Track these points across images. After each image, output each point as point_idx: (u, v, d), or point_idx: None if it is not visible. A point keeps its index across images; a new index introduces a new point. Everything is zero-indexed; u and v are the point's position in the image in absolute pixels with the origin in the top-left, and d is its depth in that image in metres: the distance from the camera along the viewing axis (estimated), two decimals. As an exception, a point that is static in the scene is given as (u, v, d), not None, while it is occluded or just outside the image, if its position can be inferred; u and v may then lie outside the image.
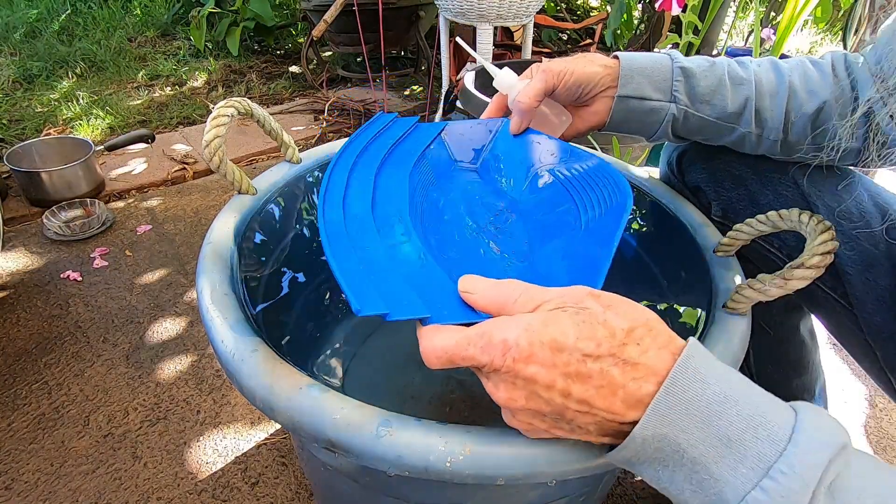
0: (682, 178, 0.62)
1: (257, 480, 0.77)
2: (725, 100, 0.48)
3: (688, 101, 0.49)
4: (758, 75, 0.49)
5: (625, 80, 0.48)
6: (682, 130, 0.51)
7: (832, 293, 0.54)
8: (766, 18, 2.42)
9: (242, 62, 2.37)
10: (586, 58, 0.49)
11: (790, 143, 0.50)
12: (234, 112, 0.51)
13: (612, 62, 0.49)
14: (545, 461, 0.33)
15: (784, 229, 0.46)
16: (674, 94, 0.48)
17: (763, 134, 0.50)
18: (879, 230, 0.50)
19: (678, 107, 0.49)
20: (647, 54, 0.49)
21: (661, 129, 0.51)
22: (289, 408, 0.35)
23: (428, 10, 2.07)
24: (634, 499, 0.76)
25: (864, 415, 0.92)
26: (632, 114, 0.50)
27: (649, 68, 0.48)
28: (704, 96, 0.48)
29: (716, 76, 0.48)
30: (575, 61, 0.48)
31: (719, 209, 0.58)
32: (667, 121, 0.50)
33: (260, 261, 0.58)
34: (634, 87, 0.48)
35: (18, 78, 2.11)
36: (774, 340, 0.64)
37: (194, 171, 1.55)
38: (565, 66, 0.48)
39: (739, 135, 0.50)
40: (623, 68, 0.48)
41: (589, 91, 0.49)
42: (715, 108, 0.49)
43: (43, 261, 1.19)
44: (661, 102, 0.49)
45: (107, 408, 0.87)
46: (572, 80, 0.48)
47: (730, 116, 0.49)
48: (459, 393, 0.71)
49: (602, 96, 0.50)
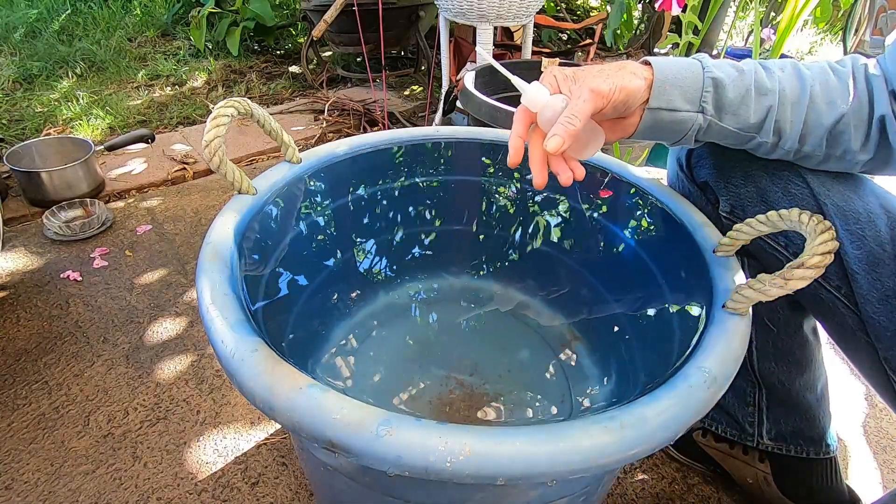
0: (692, 174, 0.62)
1: (257, 480, 0.77)
2: (749, 110, 0.48)
3: (714, 111, 0.48)
4: (782, 84, 0.48)
5: (658, 91, 0.47)
6: (702, 137, 0.51)
7: (836, 293, 0.54)
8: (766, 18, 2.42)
9: (242, 62, 2.37)
10: (627, 69, 0.47)
11: (804, 153, 0.50)
12: (234, 112, 0.51)
13: (648, 72, 0.47)
14: (545, 461, 0.33)
15: (784, 229, 0.46)
16: (702, 104, 0.47)
17: (779, 143, 0.50)
18: (884, 228, 0.50)
19: (705, 117, 0.48)
20: (678, 61, 0.48)
21: (685, 137, 0.50)
22: (289, 408, 0.35)
23: (428, 10, 2.07)
24: (634, 499, 0.76)
25: (864, 415, 0.92)
26: (660, 124, 0.48)
27: (681, 78, 0.47)
28: (730, 108, 0.48)
29: (744, 86, 0.47)
30: (619, 75, 0.46)
31: (727, 205, 0.58)
32: (692, 130, 0.49)
33: (260, 261, 0.58)
34: (667, 99, 0.47)
35: (18, 78, 2.11)
36: (778, 338, 0.64)
37: (194, 171, 1.55)
38: (613, 84, 0.45)
39: (757, 143, 0.50)
40: (657, 79, 0.47)
41: (631, 107, 0.47)
42: (738, 119, 0.48)
43: (43, 261, 1.19)
44: (689, 113, 0.48)
45: (107, 408, 0.87)
46: (621, 97, 0.46)
47: (751, 127, 0.49)
48: (459, 393, 0.71)
49: (638, 109, 0.48)
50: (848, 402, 0.94)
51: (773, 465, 0.71)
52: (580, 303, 0.77)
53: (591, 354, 0.74)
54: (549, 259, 0.78)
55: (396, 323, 0.79)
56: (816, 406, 0.67)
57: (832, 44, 2.95)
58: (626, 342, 0.66)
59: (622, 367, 0.66)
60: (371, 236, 0.78)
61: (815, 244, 0.40)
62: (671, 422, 0.36)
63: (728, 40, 2.53)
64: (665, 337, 0.55)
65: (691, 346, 0.44)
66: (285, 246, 0.63)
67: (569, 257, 0.77)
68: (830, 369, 0.99)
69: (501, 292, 0.83)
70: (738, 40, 2.75)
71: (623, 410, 0.36)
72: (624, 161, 0.69)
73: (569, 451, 0.33)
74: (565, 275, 0.77)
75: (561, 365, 0.74)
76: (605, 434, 0.34)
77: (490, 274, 0.84)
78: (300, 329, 0.67)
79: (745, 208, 0.57)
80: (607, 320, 0.71)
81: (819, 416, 0.67)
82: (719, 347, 0.42)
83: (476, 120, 1.15)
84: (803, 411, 0.67)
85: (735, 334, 0.43)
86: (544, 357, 0.75)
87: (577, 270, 0.76)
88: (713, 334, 0.43)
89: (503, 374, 0.73)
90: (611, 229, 0.70)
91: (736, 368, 0.41)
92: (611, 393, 0.66)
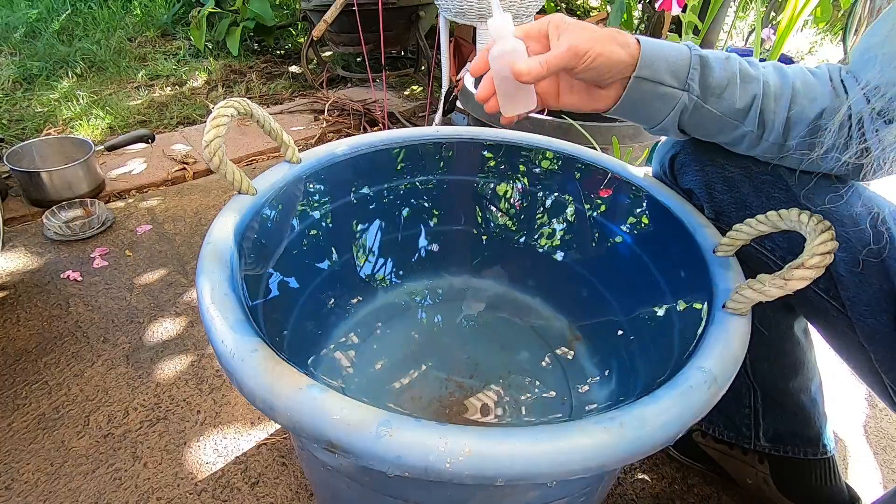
0: (676, 181, 0.63)
1: (257, 480, 0.77)
2: (734, 95, 0.48)
3: (700, 91, 0.48)
4: (765, 76, 0.49)
5: (645, 61, 0.46)
6: (687, 123, 0.51)
7: (825, 295, 0.54)
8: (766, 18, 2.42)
9: (242, 62, 2.37)
10: (612, 37, 0.46)
11: (787, 148, 0.50)
12: (234, 112, 0.51)
13: (635, 46, 0.47)
14: (545, 461, 0.33)
15: (784, 229, 0.46)
16: (688, 82, 0.47)
17: (763, 135, 0.50)
18: (868, 230, 0.50)
19: (690, 96, 0.48)
20: (667, 42, 0.48)
21: (668, 118, 0.50)
22: (289, 408, 0.35)
23: (428, 10, 2.07)
24: (634, 499, 0.76)
25: (864, 415, 0.92)
26: (644, 97, 0.48)
27: (669, 54, 0.47)
28: (716, 89, 0.48)
29: (730, 70, 0.48)
30: (601, 42, 0.44)
31: (712, 212, 0.59)
32: (676, 109, 0.49)
33: (260, 261, 0.58)
34: (653, 70, 0.47)
35: (18, 78, 2.11)
36: (769, 340, 0.64)
37: (194, 171, 1.55)
38: (591, 48, 0.44)
39: (741, 133, 0.50)
40: (644, 51, 0.46)
41: (608, 77, 0.47)
42: (724, 103, 0.48)
43: (43, 261, 1.19)
44: (674, 89, 0.48)
45: (107, 408, 0.87)
46: (596, 63, 0.45)
47: (737, 113, 0.49)
48: (459, 393, 0.71)
49: (619, 81, 0.48)
50: (848, 402, 0.94)
51: (771, 465, 0.71)
52: (580, 303, 0.77)
53: (592, 355, 0.74)
54: (550, 259, 0.78)
55: (396, 323, 0.79)
56: (811, 407, 0.67)
57: (832, 44, 2.95)
58: (626, 342, 0.66)
59: (622, 367, 0.66)
60: (371, 236, 0.78)
61: (815, 244, 0.40)
62: (671, 422, 0.36)
63: (728, 40, 2.53)
64: (665, 337, 0.55)
65: (691, 346, 0.44)
66: (285, 246, 0.63)
67: (569, 257, 0.77)
68: (830, 369, 0.99)
69: (501, 292, 0.83)
70: (738, 40, 2.75)
71: (623, 411, 0.36)
72: (624, 161, 0.69)
73: (569, 451, 0.33)
74: (565, 275, 0.77)
75: (561, 365, 0.74)
76: (605, 434, 0.34)
77: (490, 274, 0.84)
78: (300, 329, 0.67)
79: (729, 215, 0.57)
80: (607, 321, 0.71)
81: (814, 417, 0.67)
82: (719, 348, 0.42)
83: (476, 120, 1.15)
84: (798, 412, 0.67)
85: (735, 334, 0.43)
86: (544, 357, 0.75)
87: (577, 271, 0.76)
88: (713, 334, 0.43)
89: (503, 374, 0.73)
90: (611, 229, 0.70)
91: (736, 369, 0.41)
92: (611, 393, 0.66)
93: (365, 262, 0.79)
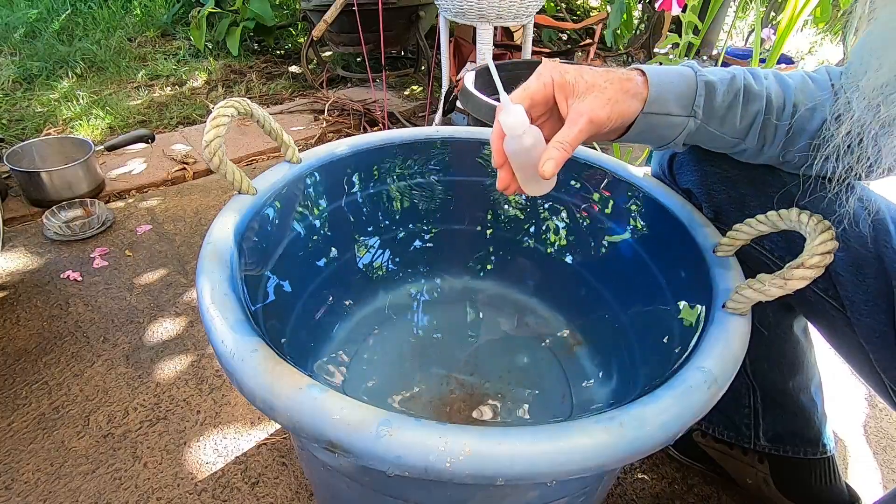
0: (675, 181, 0.63)
1: (257, 480, 0.77)
2: (737, 116, 0.48)
3: (703, 115, 0.48)
4: (768, 90, 0.48)
5: (653, 98, 0.46)
6: (689, 141, 0.51)
7: (824, 294, 0.54)
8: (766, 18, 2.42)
9: (242, 62, 2.37)
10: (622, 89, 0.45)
11: (786, 160, 0.51)
12: (234, 112, 0.51)
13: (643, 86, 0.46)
14: (545, 461, 0.33)
15: (784, 229, 0.46)
16: (694, 108, 0.47)
17: (763, 148, 0.50)
18: (867, 230, 0.50)
19: (696, 121, 0.48)
20: (671, 68, 0.48)
21: (673, 142, 0.50)
22: (289, 408, 0.35)
23: (428, 10, 2.07)
24: (634, 499, 0.76)
25: (864, 415, 0.92)
26: (651, 128, 0.48)
27: (676, 84, 0.47)
28: (719, 110, 0.48)
29: (733, 91, 0.48)
30: (616, 102, 0.44)
31: (711, 212, 0.59)
32: (682, 135, 0.49)
33: (260, 261, 0.58)
34: (661, 104, 0.47)
35: (18, 78, 2.11)
36: (769, 340, 0.64)
37: (194, 171, 1.55)
38: (609, 114, 0.44)
39: (741, 149, 0.51)
40: (652, 89, 0.46)
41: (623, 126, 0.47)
42: (726, 124, 0.48)
43: (43, 261, 1.19)
44: (681, 118, 0.48)
45: (107, 408, 0.87)
46: (616, 126, 0.46)
47: (738, 132, 0.49)
48: (459, 393, 0.71)
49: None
50: (848, 402, 0.94)
51: (771, 465, 0.71)
52: (580, 303, 0.77)
53: (591, 354, 0.74)
54: (550, 259, 0.78)
55: (397, 323, 0.79)
56: (811, 407, 0.67)
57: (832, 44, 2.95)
58: (626, 342, 0.66)
59: (622, 366, 0.66)
60: (371, 236, 0.78)
61: (815, 244, 0.40)
62: (671, 422, 0.36)
63: (728, 40, 2.53)
64: (665, 337, 0.55)
65: (691, 345, 0.44)
66: (285, 246, 0.63)
67: (569, 257, 0.77)
68: (830, 370, 0.99)
69: (501, 292, 0.83)
70: (738, 40, 2.75)
71: (623, 410, 0.36)
72: (624, 161, 0.69)
73: (568, 451, 0.33)
74: (565, 275, 0.77)
75: (561, 365, 0.74)
76: (605, 434, 0.34)
77: (490, 274, 0.84)
78: (300, 329, 0.67)
79: (728, 215, 0.57)
80: (607, 320, 0.71)
81: (814, 417, 0.67)
82: (719, 347, 0.42)
83: (476, 120, 1.15)
84: (798, 412, 0.67)
85: (735, 334, 0.43)
86: (544, 357, 0.75)
87: (577, 270, 0.76)
88: (713, 334, 0.43)
89: (503, 374, 0.73)
90: (611, 229, 0.70)
91: (736, 368, 0.42)
92: (611, 393, 0.66)
93: (365, 262, 0.79)
